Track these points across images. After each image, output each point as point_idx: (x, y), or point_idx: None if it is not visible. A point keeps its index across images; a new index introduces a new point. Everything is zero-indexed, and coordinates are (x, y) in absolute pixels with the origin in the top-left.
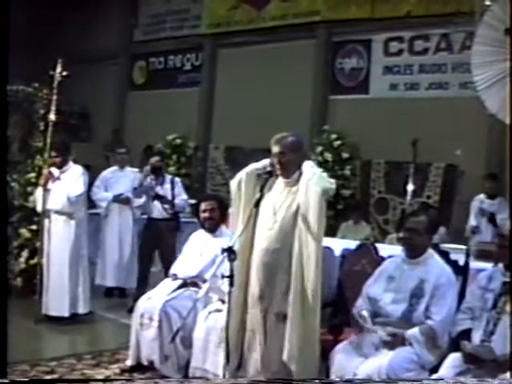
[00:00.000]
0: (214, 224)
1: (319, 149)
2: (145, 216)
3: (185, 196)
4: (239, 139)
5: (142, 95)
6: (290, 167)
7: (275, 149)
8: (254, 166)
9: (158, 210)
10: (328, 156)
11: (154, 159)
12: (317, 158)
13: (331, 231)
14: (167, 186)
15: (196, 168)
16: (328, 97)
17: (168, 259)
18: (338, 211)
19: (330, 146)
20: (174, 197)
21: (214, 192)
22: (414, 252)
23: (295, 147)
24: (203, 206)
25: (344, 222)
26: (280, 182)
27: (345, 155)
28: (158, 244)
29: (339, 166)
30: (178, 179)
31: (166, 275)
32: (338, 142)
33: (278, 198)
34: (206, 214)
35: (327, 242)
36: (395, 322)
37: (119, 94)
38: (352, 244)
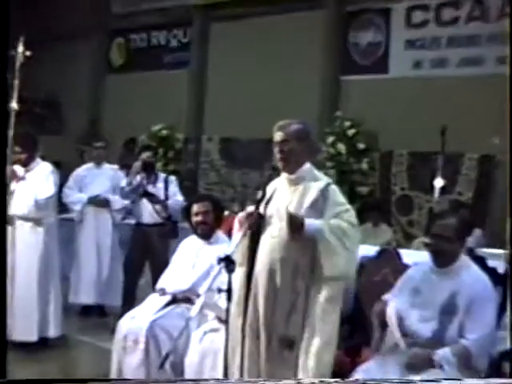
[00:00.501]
0: (208, 229)
1: (331, 139)
2: (131, 221)
3: (180, 197)
4: (236, 129)
5: (122, 79)
6: (293, 159)
7: (277, 136)
8: None
9: (148, 214)
10: (341, 147)
11: (146, 155)
12: (328, 149)
13: None
14: (160, 185)
15: (186, 163)
16: (340, 78)
17: (160, 272)
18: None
19: (344, 135)
20: (167, 197)
21: (208, 191)
22: (443, 260)
23: (301, 135)
24: (195, 208)
25: (361, 224)
26: (283, 179)
27: (361, 146)
28: (148, 254)
29: (354, 159)
30: (173, 177)
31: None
32: (353, 131)
33: (283, 200)
34: (199, 218)
35: None
36: (425, 344)
37: (94, 77)
38: (371, 250)
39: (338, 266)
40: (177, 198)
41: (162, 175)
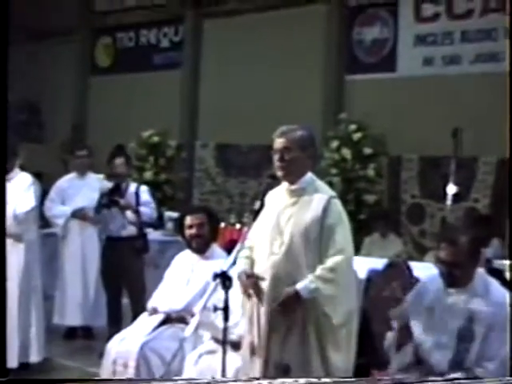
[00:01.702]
0: (203, 243)
1: (335, 144)
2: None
3: (153, 203)
4: (233, 135)
5: (108, 81)
6: (295, 168)
7: (278, 143)
8: None
9: (119, 226)
10: (346, 152)
11: (118, 161)
12: (332, 155)
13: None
14: (130, 195)
15: (179, 172)
16: (344, 77)
17: (135, 290)
18: (361, 222)
19: (349, 139)
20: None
21: (203, 202)
22: (455, 279)
23: (305, 143)
24: (189, 220)
25: (368, 235)
26: (283, 189)
27: (367, 151)
28: (121, 271)
29: (360, 165)
30: (144, 187)
31: (135, 311)
32: (359, 135)
33: (284, 212)
34: (193, 231)
35: None
36: (441, 372)
37: (78, 79)
38: (379, 263)
39: (342, 313)
40: (150, 205)
41: (133, 185)
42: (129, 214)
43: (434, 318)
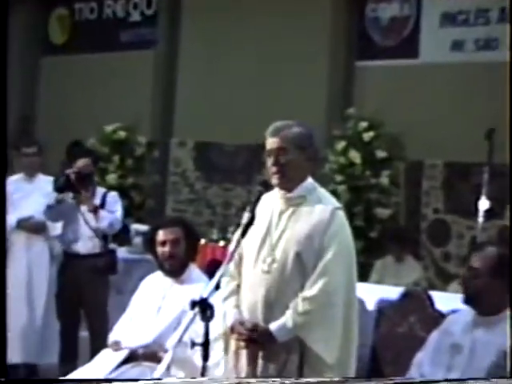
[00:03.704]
0: (178, 263)
1: (341, 144)
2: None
3: (119, 211)
4: (217, 131)
5: (64, 61)
6: (292, 173)
7: (271, 142)
8: None
9: (81, 241)
10: (355, 155)
11: (82, 161)
12: (337, 158)
13: (361, 272)
14: (97, 201)
15: (150, 176)
16: (354, 63)
17: (96, 319)
18: (371, 241)
19: (359, 139)
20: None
21: (179, 213)
22: (485, 308)
23: (304, 143)
24: (162, 235)
25: (380, 258)
26: (278, 198)
27: (381, 154)
28: (79, 296)
29: (372, 171)
30: (114, 193)
31: (94, 345)
32: (371, 134)
33: (277, 224)
34: (167, 248)
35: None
36: None
37: (27, 59)
38: (393, 292)
39: (337, 348)
40: (116, 213)
41: (100, 190)
42: (90, 219)
43: (462, 355)
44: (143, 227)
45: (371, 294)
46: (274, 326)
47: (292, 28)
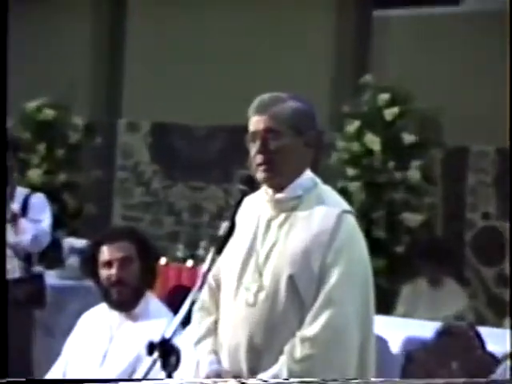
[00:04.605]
0: (129, 292)
1: (354, 125)
2: None
3: (47, 219)
4: (181, 109)
5: None
6: (285, 164)
7: (257, 122)
8: None
9: None
10: (373, 141)
11: None
12: (349, 144)
13: (382, 302)
14: (15, 206)
15: (89, 171)
16: (371, 14)
17: (17, 369)
18: (396, 259)
19: (378, 118)
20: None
21: (130, 222)
22: None
23: (300, 123)
24: (107, 253)
25: (409, 281)
26: (265, 200)
27: (408, 138)
28: None
29: (397, 162)
30: (39, 195)
31: None
32: (394, 111)
33: (265, 237)
34: (113, 271)
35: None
36: None
37: None
38: (427, 328)
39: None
40: (41, 223)
41: (20, 191)
42: (7, 231)
43: None
44: (80, 242)
45: (397, 331)
46: (263, 378)
47: None
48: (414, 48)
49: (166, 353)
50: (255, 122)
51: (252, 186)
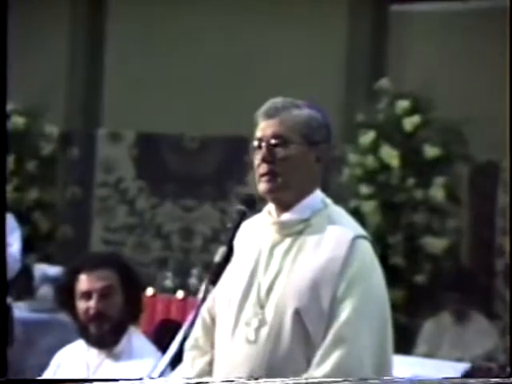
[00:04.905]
0: (111, 327)
1: (369, 136)
2: None
3: (16, 243)
4: (170, 118)
5: None
6: (294, 177)
7: (265, 127)
8: None
9: None
10: (391, 154)
11: None
12: (362, 158)
13: (401, 339)
14: None
15: (65, 187)
16: (388, 8)
17: None
18: (418, 290)
19: (395, 128)
20: None
21: (112, 247)
22: None
23: (315, 133)
24: (85, 282)
25: (432, 315)
26: (268, 223)
27: (431, 152)
28: None
29: (417, 179)
30: (7, 215)
31: None
32: (415, 120)
33: (268, 265)
34: (92, 304)
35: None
36: None
37: None
38: (453, 369)
39: None
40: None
41: None
42: None
43: None
44: (54, 269)
45: (417, 372)
46: None
47: None
48: (437, 48)
49: None
50: (263, 127)
51: (252, 206)
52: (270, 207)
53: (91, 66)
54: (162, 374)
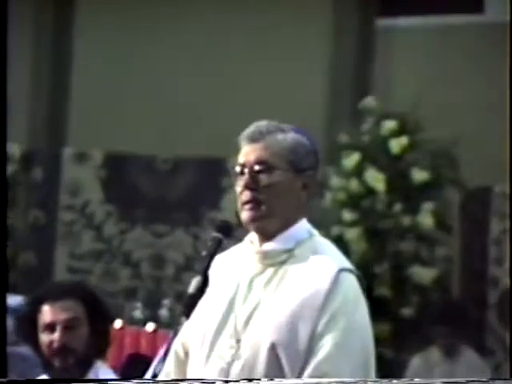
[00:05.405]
0: (76, 361)
1: (353, 158)
2: None
3: None
4: (140, 138)
5: None
6: (279, 206)
7: (249, 152)
8: None
9: None
10: (376, 178)
11: None
12: (347, 183)
13: (387, 374)
14: None
15: (26, 211)
16: (374, 23)
17: None
18: (405, 324)
19: (382, 150)
20: None
21: (77, 276)
22: None
23: (301, 160)
24: (48, 314)
25: (420, 351)
26: (249, 252)
27: (419, 175)
28: None
29: (405, 204)
30: None
31: None
32: (402, 142)
33: (246, 298)
34: (56, 336)
35: None
36: None
37: None
38: None
39: None
40: None
41: None
42: None
43: None
44: (15, 299)
45: None
46: None
47: None
48: (425, 66)
49: None
50: (247, 152)
51: (229, 233)
52: (253, 236)
53: (56, 80)
54: None
